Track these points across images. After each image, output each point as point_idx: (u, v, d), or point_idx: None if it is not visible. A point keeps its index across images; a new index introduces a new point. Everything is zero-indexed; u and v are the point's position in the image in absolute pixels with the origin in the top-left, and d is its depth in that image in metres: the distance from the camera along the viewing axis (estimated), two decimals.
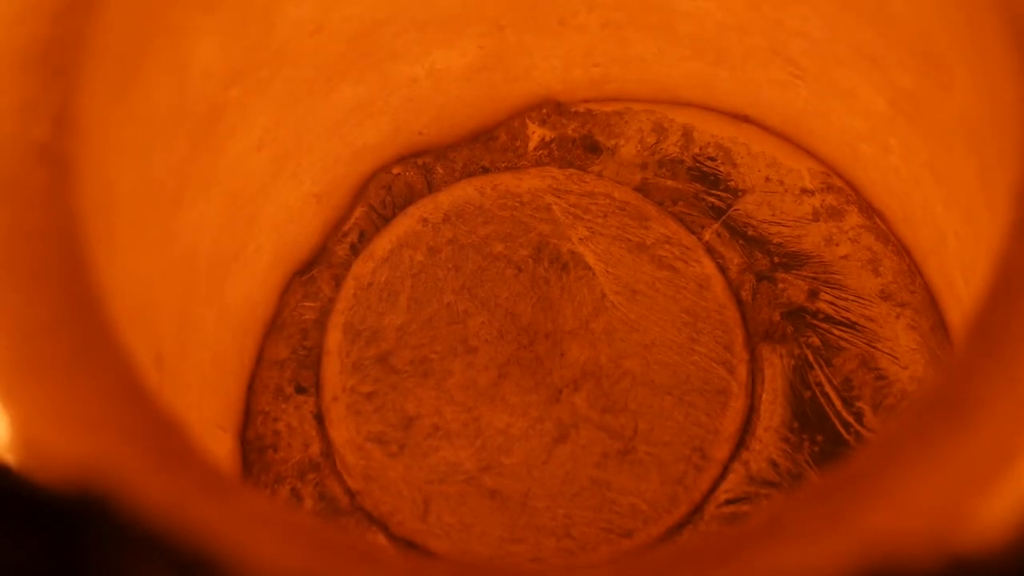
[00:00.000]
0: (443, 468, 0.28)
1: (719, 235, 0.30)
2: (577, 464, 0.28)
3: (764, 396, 0.28)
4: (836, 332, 0.29)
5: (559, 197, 0.30)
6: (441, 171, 0.31)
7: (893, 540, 0.15)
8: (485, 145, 0.31)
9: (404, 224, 0.30)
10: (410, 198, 0.31)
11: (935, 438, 0.16)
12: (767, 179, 0.30)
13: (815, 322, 0.29)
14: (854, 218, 0.30)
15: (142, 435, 0.16)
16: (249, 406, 0.29)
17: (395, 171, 0.31)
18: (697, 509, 0.28)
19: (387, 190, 0.31)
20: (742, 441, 0.28)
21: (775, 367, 0.29)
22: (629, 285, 0.29)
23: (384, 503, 0.28)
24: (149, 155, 0.22)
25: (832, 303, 0.29)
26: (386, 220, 0.31)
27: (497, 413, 0.28)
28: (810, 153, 0.30)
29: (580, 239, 0.30)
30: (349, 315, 0.30)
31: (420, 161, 0.31)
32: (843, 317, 0.29)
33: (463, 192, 0.30)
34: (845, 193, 0.30)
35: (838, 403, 0.28)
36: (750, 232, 0.30)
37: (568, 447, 0.28)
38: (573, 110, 0.31)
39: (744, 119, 0.31)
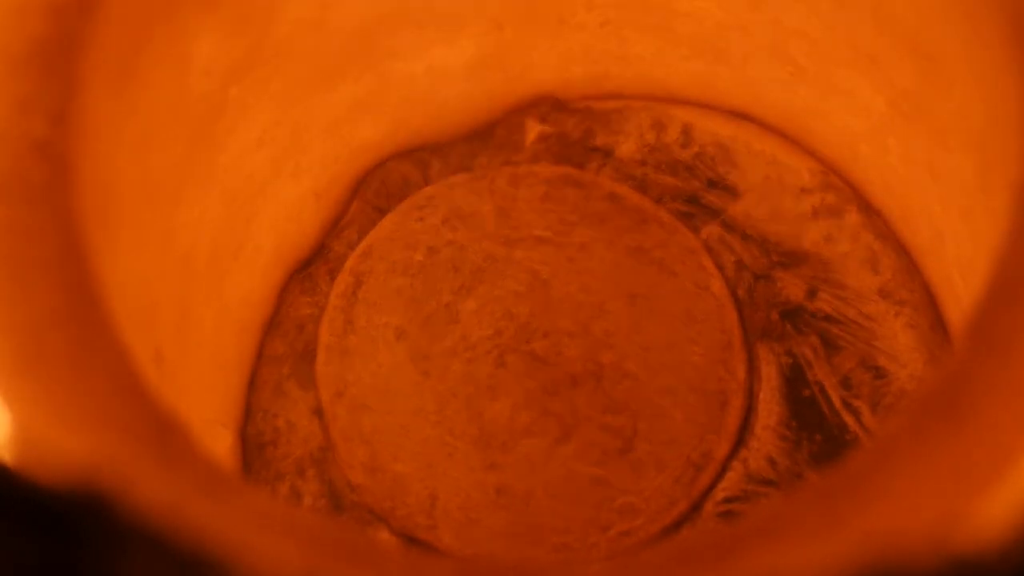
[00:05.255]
0: (446, 464, 0.28)
1: (718, 234, 0.30)
2: (579, 463, 0.28)
3: (762, 395, 0.28)
4: (835, 330, 0.29)
5: (558, 199, 0.30)
6: (437, 164, 0.31)
7: (892, 540, 0.15)
8: (482, 140, 0.31)
9: (403, 224, 0.30)
10: (405, 190, 0.31)
11: (934, 437, 0.16)
12: (766, 177, 0.30)
13: (814, 320, 0.29)
14: (853, 217, 0.30)
15: (142, 433, 0.16)
16: (249, 403, 0.29)
17: (390, 165, 0.31)
18: (695, 507, 0.28)
19: (382, 182, 0.31)
20: (741, 440, 0.28)
21: (773, 366, 0.29)
22: (628, 287, 0.29)
23: (387, 498, 0.28)
24: (148, 152, 0.22)
25: (831, 301, 0.29)
26: (381, 212, 0.31)
27: (499, 412, 0.29)
28: (809, 152, 0.30)
29: (579, 241, 0.30)
30: (348, 312, 0.30)
31: (416, 155, 0.31)
32: (842, 315, 0.29)
33: (462, 193, 0.30)
34: (844, 192, 0.30)
35: (837, 402, 0.28)
36: (749, 231, 0.30)
37: (570, 446, 0.28)
38: (572, 107, 0.31)
39: (744, 117, 0.31)
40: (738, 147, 0.31)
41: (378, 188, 0.31)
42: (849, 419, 0.28)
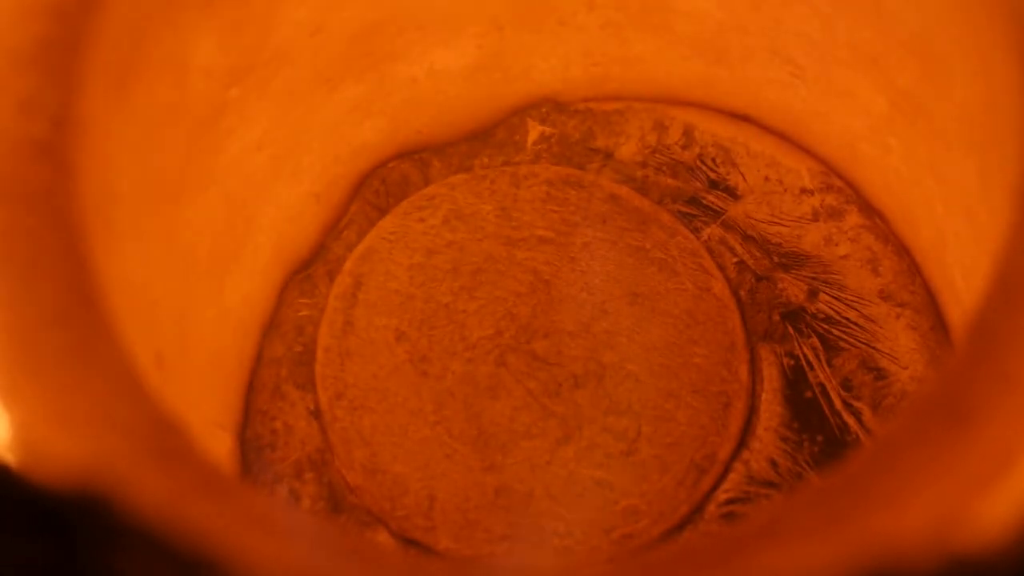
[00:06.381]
0: (445, 465, 0.28)
1: (718, 235, 0.30)
2: (580, 465, 0.28)
3: (764, 396, 0.28)
4: (836, 332, 0.29)
5: (559, 200, 0.30)
6: (438, 164, 0.31)
7: (893, 541, 0.15)
8: (483, 140, 0.31)
9: (403, 225, 0.30)
10: (405, 191, 0.31)
11: (935, 438, 0.16)
12: (767, 179, 0.30)
13: (815, 322, 0.29)
14: (854, 218, 0.30)
15: (142, 434, 0.16)
16: (248, 405, 0.29)
17: (390, 165, 0.31)
18: (697, 509, 0.28)
19: (381, 182, 0.31)
20: (743, 441, 0.28)
21: (775, 367, 0.29)
22: (630, 288, 0.29)
23: (385, 500, 0.28)
24: (149, 154, 0.22)
25: (831, 303, 0.29)
26: (381, 212, 0.30)
27: (499, 413, 0.28)
28: (810, 153, 0.30)
29: (580, 242, 0.30)
30: (347, 313, 0.30)
31: (417, 156, 0.31)
32: (843, 317, 0.29)
33: (463, 193, 0.30)
34: (845, 193, 0.30)
35: (838, 403, 0.28)
36: (749, 232, 0.30)
37: (572, 448, 0.28)
38: (573, 108, 0.31)
39: (744, 119, 0.31)
40: (738, 148, 0.31)
41: (378, 188, 0.31)
42: (850, 420, 0.28)
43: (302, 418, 0.29)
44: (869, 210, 0.30)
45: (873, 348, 0.29)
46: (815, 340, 0.29)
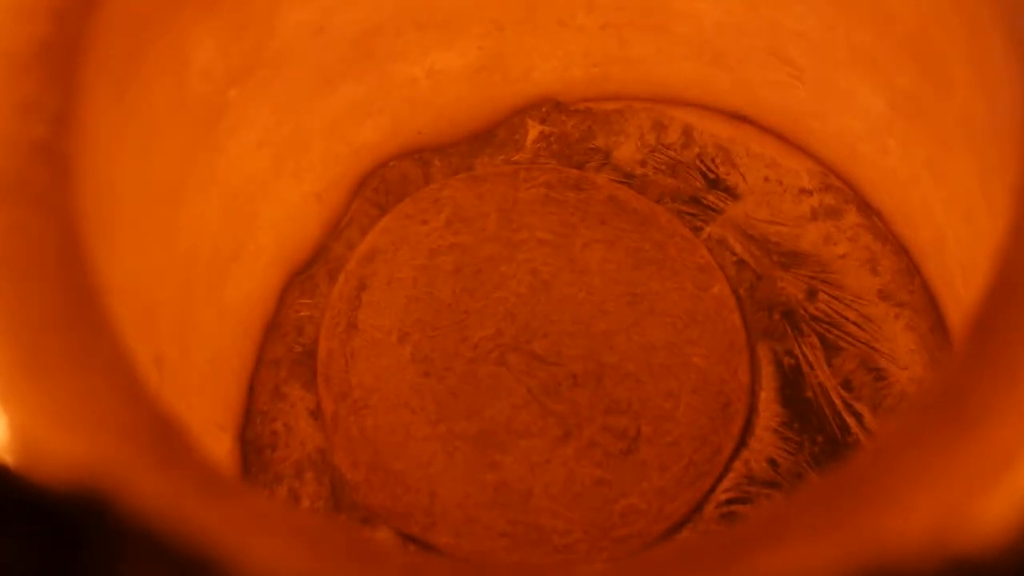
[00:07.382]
0: (447, 463, 0.28)
1: (718, 235, 0.30)
2: (580, 463, 0.28)
3: (764, 396, 0.28)
4: (835, 332, 0.29)
5: (558, 201, 0.30)
6: (438, 163, 0.31)
7: (893, 541, 0.15)
8: (483, 140, 0.31)
9: (407, 227, 0.30)
10: (405, 188, 0.31)
11: (935, 439, 0.16)
12: (766, 179, 0.30)
13: (814, 322, 0.29)
14: (852, 218, 0.30)
15: (142, 435, 0.16)
16: (248, 406, 0.29)
17: (391, 163, 0.31)
18: (697, 509, 0.28)
19: (381, 180, 0.31)
20: (742, 441, 0.28)
21: (774, 366, 0.29)
22: (629, 288, 0.29)
23: (386, 498, 0.28)
24: (149, 154, 0.22)
25: (831, 303, 0.29)
26: (381, 210, 0.31)
27: (499, 412, 0.29)
28: (809, 153, 0.30)
29: (579, 242, 0.30)
30: (349, 315, 0.30)
31: (417, 155, 0.31)
32: (842, 317, 0.29)
33: (464, 195, 0.30)
34: (843, 193, 0.30)
35: (838, 403, 0.28)
36: (749, 231, 0.30)
37: (571, 447, 0.28)
38: (573, 108, 0.31)
39: (743, 119, 0.31)
40: (738, 148, 0.31)
41: (378, 187, 0.31)
42: (850, 420, 0.28)
43: (302, 418, 0.29)
44: (868, 210, 0.30)
45: (872, 348, 0.29)
46: (814, 340, 0.29)
